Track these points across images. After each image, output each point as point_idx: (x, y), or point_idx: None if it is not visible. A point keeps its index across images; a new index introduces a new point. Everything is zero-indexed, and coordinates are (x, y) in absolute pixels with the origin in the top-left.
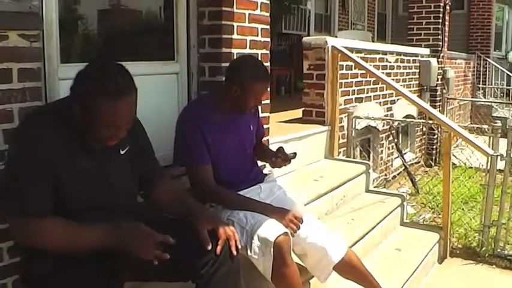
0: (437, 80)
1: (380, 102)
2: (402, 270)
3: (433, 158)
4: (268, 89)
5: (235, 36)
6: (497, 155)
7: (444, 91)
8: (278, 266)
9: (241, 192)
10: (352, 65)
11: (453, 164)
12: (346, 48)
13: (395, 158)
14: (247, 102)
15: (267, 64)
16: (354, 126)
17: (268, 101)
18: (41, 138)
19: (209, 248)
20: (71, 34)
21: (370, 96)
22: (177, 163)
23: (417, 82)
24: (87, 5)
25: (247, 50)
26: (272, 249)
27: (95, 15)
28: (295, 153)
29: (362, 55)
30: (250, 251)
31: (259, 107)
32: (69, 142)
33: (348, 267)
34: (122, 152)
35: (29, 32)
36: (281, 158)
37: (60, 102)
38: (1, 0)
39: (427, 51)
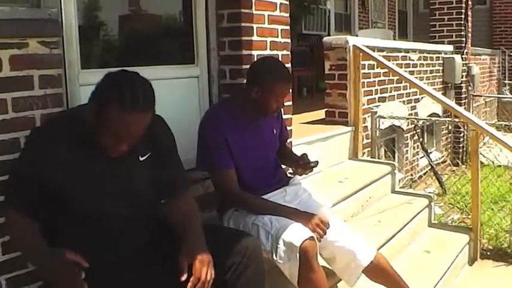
0: (462, 77)
1: (404, 101)
2: (432, 272)
3: (460, 156)
4: (290, 91)
5: (255, 37)
6: None
7: (469, 88)
8: (304, 271)
9: (265, 196)
10: (374, 64)
11: (481, 162)
12: (367, 47)
13: (421, 157)
14: (268, 104)
15: (288, 65)
16: (377, 126)
17: (290, 103)
18: (50, 143)
19: (183, 279)
20: (91, 40)
21: (394, 96)
22: (200, 168)
23: (441, 80)
24: (107, 10)
25: (268, 52)
26: (298, 254)
27: (115, 21)
28: (316, 162)
29: (384, 54)
30: (276, 256)
31: (282, 109)
32: (84, 146)
33: (377, 271)
34: (142, 159)
35: (49, 39)
36: (302, 167)
37: (80, 107)
38: (20, 8)
39: (450, 47)
